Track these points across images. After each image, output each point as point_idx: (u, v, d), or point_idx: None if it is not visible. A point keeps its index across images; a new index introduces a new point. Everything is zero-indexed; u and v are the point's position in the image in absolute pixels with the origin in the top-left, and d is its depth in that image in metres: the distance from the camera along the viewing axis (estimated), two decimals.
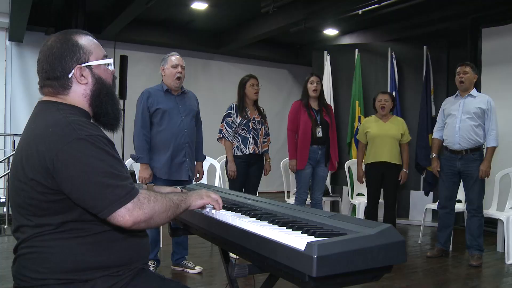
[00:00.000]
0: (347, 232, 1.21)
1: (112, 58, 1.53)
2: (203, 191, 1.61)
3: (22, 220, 1.37)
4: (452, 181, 4.28)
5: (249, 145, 4.13)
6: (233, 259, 2.01)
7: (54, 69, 1.41)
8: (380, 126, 4.64)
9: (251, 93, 4.19)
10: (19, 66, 7.59)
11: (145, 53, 8.42)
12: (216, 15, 7.45)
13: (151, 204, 1.34)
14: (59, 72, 1.42)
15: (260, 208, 1.62)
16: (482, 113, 4.10)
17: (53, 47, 1.43)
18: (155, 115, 3.52)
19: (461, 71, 4.20)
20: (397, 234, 1.19)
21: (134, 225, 1.30)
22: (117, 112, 1.52)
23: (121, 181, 1.30)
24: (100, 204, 1.27)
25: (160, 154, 3.51)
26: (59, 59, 1.41)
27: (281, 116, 8.92)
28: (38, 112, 1.44)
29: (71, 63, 1.42)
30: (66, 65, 1.42)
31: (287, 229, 1.27)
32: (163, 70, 3.63)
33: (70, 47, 1.43)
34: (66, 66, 1.42)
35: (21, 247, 1.39)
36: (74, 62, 1.42)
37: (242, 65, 9.64)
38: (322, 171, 4.47)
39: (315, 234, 1.17)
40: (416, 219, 6.19)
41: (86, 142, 1.29)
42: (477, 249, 4.15)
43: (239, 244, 1.37)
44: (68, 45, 1.43)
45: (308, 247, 1.06)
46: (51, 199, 1.32)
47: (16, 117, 7.58)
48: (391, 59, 6.38)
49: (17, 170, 1.38)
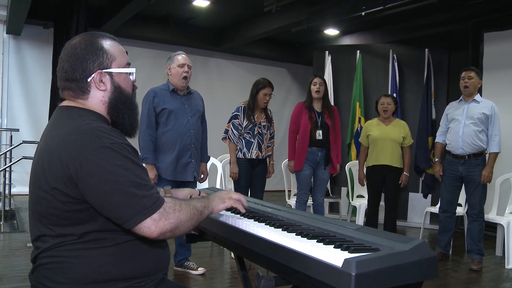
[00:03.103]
0: (379, 247, 1.20)
1: (135, 68, 1.49)
2: (223, 193, 1.59)
3: (43, 229, 1.34)
4: (454, 186, 4.30)
5: (252, 150, 4.13)
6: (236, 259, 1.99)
7: (74, 70, 1.37)
8: (382, 129, 4.65)
9: (261, 101, 4.17)
10: (17, 60, 7.50)
11: (145, 49, 8.38)
12: (218, 13, 7.40)
13: (176, 214, 1.32)
14: (78, 74, 1.37)
15: (282, 217, 1.60)
16: (485, 119, 4.12)
17: (77, 48, 1.38)
18: (161, 115, 3.49)
19: (465, 76, 4.21)
20: (429, 249, 1.19)
21: (160, 236, 1.28)
22: (134, 122, 1.48)
23: (147, 190, 1.27)
24: (125, 214, 1.25)
25: (165, 155, 3.49)
26: (81, 61, 1.37)
27: (279, 116, 8.93)
28: (58, 118, 1.40)
29: (92, 67, 1.38)
30: (87, 68, 1.37)
31: (318, 242, 1.25)
32: (169, 69, 3.58)
33: (94, 50, 1.39)
34: (87, 69, 1.37)
35: (41, 257, 1.36)
36: (95, 66, 1.38)
37: (241, 63, 9.63)
38: (323, 173, 4.47)
39: (349, 250, 1.16)
40: (414, 221, 6.22)
41: (111, 150, 1.26)
42: (477, 253, 4.17)
43: (265, 256, 1.35)
44: (92, 48, 1.38)
45: (346, 264, 1.05)
46: (74, 208, 1.29)
47: (13, 112, 7.50)
48: (392, 61, 6.40)
49: (38, 178, 1.34)
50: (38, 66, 7.51)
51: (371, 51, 6.80)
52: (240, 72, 9.54)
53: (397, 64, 6.37)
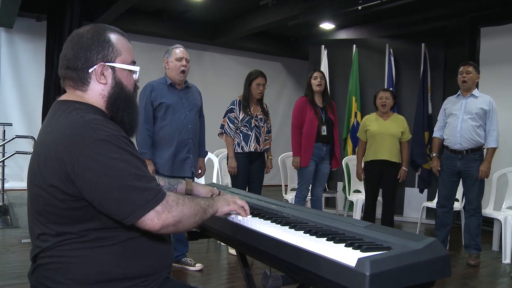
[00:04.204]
0: (391, 246, 1.18)
1: (139, 67, 1.44)
2: (229, 197, 1.56)
3: (42, 228, 1.30)
4: (451, 181, 4.29)
5: (250, 143, 4.08)
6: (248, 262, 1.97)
7: (77, 59, 1.33)
8: (380, 124, 4.62)
9: (255, 92, 4.12)
10: (9, 53, 7.40)
11: (138, 42, 8.26)
12: (213, 6, 7.34)
13: (179, 207, 1.28)
14: (80, 63, 1.33)
15: (287, 214, 1.57)
16: (484, 114, 4.11)
17: (83, 36, 1.34)
18: (158, 109, 3.43)
19: (464, 70, 4.19)
20: (442, 248, 1.16)
21: (163, 229, 1.24)
22: (133, 122, 1.43)
23: (148, 182, 1.23)
24: (127, 209, 1.20)
25: (163, 150, 3.44)
26: (85, 50, 1.32)
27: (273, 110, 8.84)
28: (54, 112, 1.35)
29: (95, 58, 1.33)
30: (90, 58, 1.33)
31: (328, 241, 1.22)
32: (167, 63, 3.52)
33: (101, 42, 1.34)
34: (90, 59, 1.33)
35: (41, 256, 1.31)
36: (99, 58, 1.34)
37: (235, 57, 9.56)
38: (325, 168, 4.45)
39: (361, 249, 1.13)
40: (411, 216, 6.22)
41: (108, 143, 1.21)
42: (475, 249, 4.17)
43: (271, 254, 1.32)
44: (99, 39, 1.34)
45: (359, 264, 1.02)
46: (72, 206, 1.24)
47: (5, 105, 7.40)
48: (388, 55, 6.37)
49: (35, 176, 1.30)
50: (31, 59, 7.41)
51: (367, 46, 6.77)
52: (235, 66, 9.47)
53: (393, 59, 6.35)
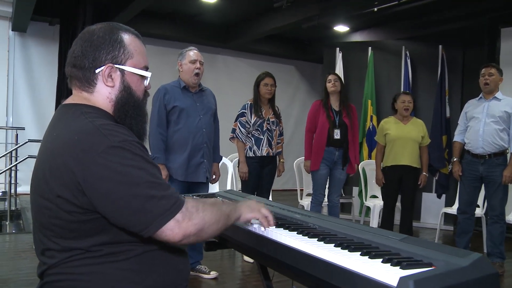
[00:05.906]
0: (432, 262, 1.07)
1: (150, 73, 1.33)
2: (253, 203, 1.45)
3: (48, 242, 1.20)
4: (473, 186, 4.15)
5: (262, 147, 4.00)
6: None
7: (84, 57, 1.24)
8: (401, 128, 4.50)
9: (264, 92, 4.04)
10: (22, 57, 7.40)
11: (151, 46, 8.22)
12: (226, 9, 7.27)
13: (200, 214, 1.17)
14: (88, 62, 1.23)
15: (314, 225, 1.47)
16: (507, 117, 3.97)
17: (94, 34, 1.25)
18: (172, 113, 3.36)
19: (486, 72, 4.05)
20: (489, 265, 1.06)
21: (184, 239, 1.14)
22: (142, 130, 1.32)
23: (165, 190, 1.14)
24: (144, 220, 1.10)
25: (176, 154, 3.36)
26: (94, 49, 1.24)
27: (287, 113, 8.78)
28: (60, 117, 1.25)
29: (104, 58, 1.24)
30: (98, 58, 1.24)
31: (362, 256, 1.12)
32: (181, 65, 3.45)
33: (112, 42, 1.25)
34: (98, 59, 1.24)
35: (48, 274, 1.22)
36: (108, 59, 1.24)
37: (248, 61, 9.48)
38: (340, 173, 4.34)
39: (401, 265, 1.03)
40: (428, 222, 6.07)
41: (121, 149, 1.11)
42: (498, 257, 4.02)
43: (298, 268, 1.23)
44: (110, 38, 1.25)
45: (402, 283, 0.92)
46: (81, 219, 1.15)
47: (18, 109, 7.40)
48: (405, 58, 6.24)
49: (39, 185, 1.19)
50: (43, 63, 7.41)
51: (383, 48, 6.64)
52: (248, 69, 9.38)
53: (409, 61, 6.21)
